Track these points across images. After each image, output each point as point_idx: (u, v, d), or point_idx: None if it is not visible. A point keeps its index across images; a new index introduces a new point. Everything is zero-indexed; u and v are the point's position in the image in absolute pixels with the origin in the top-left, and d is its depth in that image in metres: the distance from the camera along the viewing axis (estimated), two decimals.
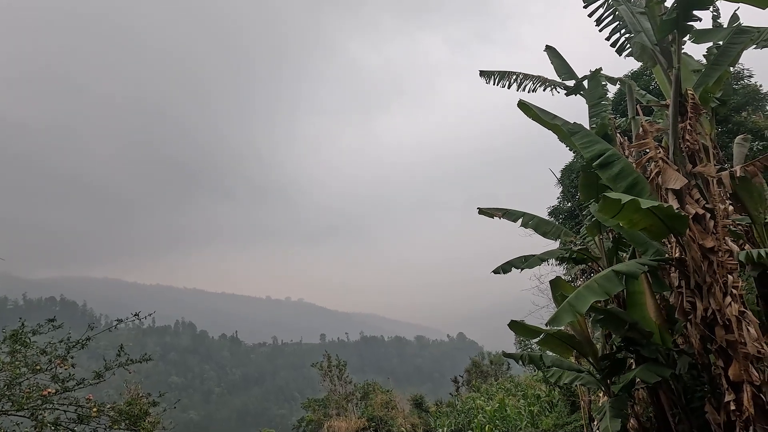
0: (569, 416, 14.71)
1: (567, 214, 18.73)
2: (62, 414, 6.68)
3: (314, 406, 32.75)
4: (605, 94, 10.12)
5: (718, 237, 5.97)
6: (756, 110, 15.52)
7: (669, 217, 5.76)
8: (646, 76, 16.78)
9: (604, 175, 6.92)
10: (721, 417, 5.98)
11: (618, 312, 7.01)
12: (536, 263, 8.33)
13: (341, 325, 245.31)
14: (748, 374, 5.62)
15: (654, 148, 6.35)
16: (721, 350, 5.90)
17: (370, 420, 24.87)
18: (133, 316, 7.42)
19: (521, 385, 22.19)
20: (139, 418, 6.60)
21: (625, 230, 7.03)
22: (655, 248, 6.88)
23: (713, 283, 5.87)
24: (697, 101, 6.36)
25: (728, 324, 5.77)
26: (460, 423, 20.77)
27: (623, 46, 7.78)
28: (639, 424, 8.63)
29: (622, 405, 6.80)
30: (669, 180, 6.00)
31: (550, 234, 9.00)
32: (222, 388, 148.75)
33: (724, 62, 6.64)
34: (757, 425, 5.57)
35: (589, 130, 7.75)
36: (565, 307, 5.81)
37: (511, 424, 16.76)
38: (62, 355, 6.61)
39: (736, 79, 15.80)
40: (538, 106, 8.79)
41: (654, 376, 6.49)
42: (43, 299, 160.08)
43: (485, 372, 33.85)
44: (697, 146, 6.33)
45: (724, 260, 5.88)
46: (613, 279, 5.96)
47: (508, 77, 11.15)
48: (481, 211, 9.82)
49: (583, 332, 7.38)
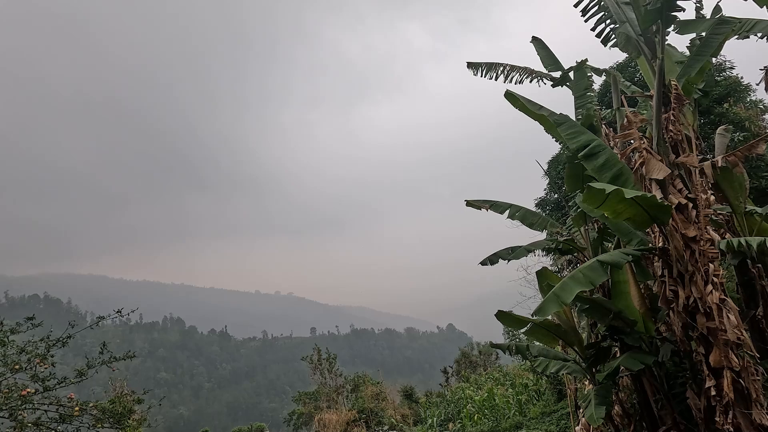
0: (556, 404, 14.96)
1: (554, 206, 18.89)
2: (44, 414, 6.53)
3: (305, 399, 32.83)
4: (591, 85, 10.16)
5: (700, 226, 6.05)
6: (737, 102, 15.76)
7: (652, 207, 5.81)
8: (631, 68, 16.89)
9: (589, 166, 6.95)
10: (702, 402, 6.12)
11: (603, 301, 7.09)
12: (522, 254, 8.37)
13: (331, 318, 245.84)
14: (728, 360, 5.74)
15: (638, 139, 6.39)
16: (702, 337, 6.01)
17: (361, 412, 24.99)
18: (116, 313, 7.26)
19: (509, 375, 22.47)
20: (122, 416, 6.47)
21: (610, 220, 7.09)
22: (639, 238, 6.96)
23: (695, 272, 5.96)
24: (680, 92, 6.41)
25: (709, 311, 5.87)
26: (449, 413, 20.98)
27: (608, 36, 7.79)
28: (623, 410, 8.80)
29: (606, 392, 6.90)
30: (653, 170, 6.05)
31: (537, 225, 9.05)
32: (212, 384, 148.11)
33: (707, 53, 6.69)
34: (736, 409, 5.71)
35: (575, 121, 7.78)
36: (551, 297, 5.85)
37: (500, 412, 16.96)
38: (42, 354, 6.43)
39: (718, 71, 15.99)
40: (525, 97, 8.79)
41: (637, 364, 6.60)
42: (26, 297, 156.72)
43: (474, 362, 34.25)
44: (680, 137, 6.38)
45: (706, 249, 5.97)
46: (597, 269, 6.01)
47: (495, 69, 11.12)
48: (468, 203, 9.82)
49: (569, 322, 7.45)
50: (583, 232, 8.44)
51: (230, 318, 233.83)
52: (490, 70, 11.19)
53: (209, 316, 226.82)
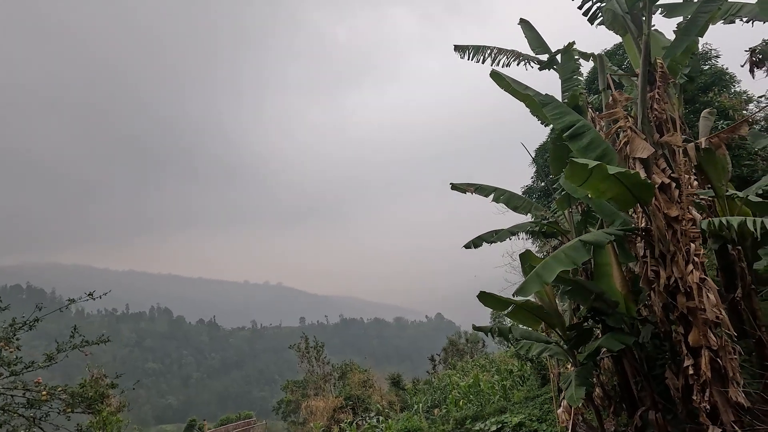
0: (540, 389, 15.12)
1: (541, 193, 18.93)
2: (11, 399, 6.30)
3: (292, 387, 32.88)
4: (578, 68, 10.04)
5: (683, 206, 6.01)
6: (722, 91, 15.83)
7: (635, 186, 5.74)
8: (619, 55, 16.85)
9: (574, 147, 6.86)
10: (680, 381, 6.15)
11: (585, 283, 7.06)
12: (506, 236, 8.30)
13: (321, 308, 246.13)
14: (707, 339, 5.75)
15: (623, 118, 6.30)
16: (681, 317, 6.01)
17: (347, 399, 25.10)
18: (87, 296, 7.02)
19: (495, 362, 22.73)
20: (94, 400, 6.26)
21: (594, 201, 7.03)
22: (622, 219, 6.92)
23: (676, 252, 5.94)
24: (665, 70, 6.32)
25: (689, 291, 5.86)
26: (436, 399, 21.17)
27: (595, 15, 7.65)
28: (604, 392, 8.87)
29: (587, 374, 6.91)
30: (636, 149, 5.98)
31: (521, 209, 8.98)
32: (201, 373, 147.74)
33: (693, 31, 6.59)
34: (713, 388, 5.74)
35: (560, 102, 7.65)
36: (533, 277, 5.78)
37: (485, 398, 17.14)
38: (8, 337, 6.18)
39: (704, 59, 16.03)
40: (511, 77, 8.64)
41: (618, 344, 6.60)
42: (8, 287, 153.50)
43: (461, 350, 34.61)
44: (664, 116, 6.31)
45: (687, 229, 5.95)
46: (579, 249, 5.95)
47: (483, 52, 10.94)
48: (453, 187, 9.72)
49: (551, 304, 7.42)
50: (567, 215, 8.39)
51: (219, 308, 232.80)
52: (477, 53, 11.01)
53: (198, 306, 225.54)
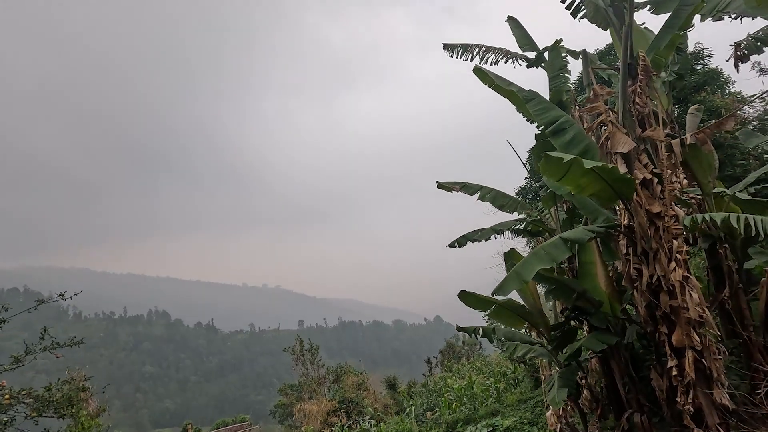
0: (532, 392, 14.92)
1: (534, 194, 18.80)
2: None
3: (287, 391, 32.59)
4: (565, 66, 9.92)
5: (665, 202, 5.86)
6: (716, 90, 15.72)
7: (616, 181, 5.59)
8: (610, 57, 16.75)
9: (557, 143, 6.72)
10: (665, 383, 5.98)
11: (568, 281, 6.90)
12: (490, 234, 8.14)
13: (319, 310, 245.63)
14: (690, 339, 5.58)
15: (605, 111, 6.16)
16: (665, 316, 5.85)
17: (341, 402, 24.84)
18: (58, 296, 6.83)
19: (491, 364, 22.52)
20: (60, 404, 6.04)
21: (576, 198, 6.88)
22: (605, 216, 6.77)
23: (659, 249, 5.78)
24: (648, 63, 6.18)
25: (672, 289, 5.70)
26: (431, 402, 20.95)
27: (578, 8, 7.53)
28: (591, 395, 8.69)
29: (570, 375, 6.74)
30: (618, 144, 5.83)
31: (507, 207, 8.82)
32: (198, 376, 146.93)
33: (676, 24, 6.46)
34: (698, 389, 5.57)
35: (543, 98, 7.53)
36: (512, 275, 5.61)
37: (478, 400, 16.93)
38: None
39: (696, 59, 15.92)
40: (496, 73, 8.51)
41: (599, 345, 6.43)
42: (6, 290, 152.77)
43: (458, 353, 34.39)
44: (647, 110, 6.17)
45: (670, 225, 5.79)
46: (560, 246, 5.79)
47: (471, 50, 10.85)
48: (440, 185, 9.58)
49: (535, 303, 7.25)
50: (553, 213, 8.23)
51: (217, 311, 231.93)
52: (465, 51, 10.92)
53: (195, 310, 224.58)
